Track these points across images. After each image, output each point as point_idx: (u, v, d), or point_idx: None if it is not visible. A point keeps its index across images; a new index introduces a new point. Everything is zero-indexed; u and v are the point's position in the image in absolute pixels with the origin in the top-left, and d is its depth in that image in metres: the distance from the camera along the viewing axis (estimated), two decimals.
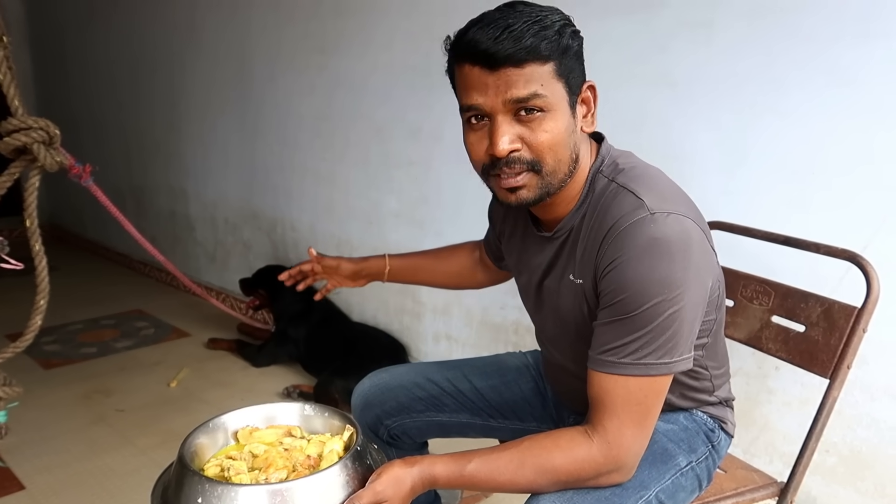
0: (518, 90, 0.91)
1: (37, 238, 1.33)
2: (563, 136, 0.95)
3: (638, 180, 0.98)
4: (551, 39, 0.91)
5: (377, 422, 1.37)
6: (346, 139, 2.86)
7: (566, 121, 0.95)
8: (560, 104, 0.94)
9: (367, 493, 0.92)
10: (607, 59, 1.98)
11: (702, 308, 0.97)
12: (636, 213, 0.93)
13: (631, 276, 0.91)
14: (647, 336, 0.92)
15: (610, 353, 0.94)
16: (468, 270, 1.49)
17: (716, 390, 1.19)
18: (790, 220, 1.64)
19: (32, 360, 2.92)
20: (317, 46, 2.89)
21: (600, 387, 0.96)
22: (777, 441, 1.78)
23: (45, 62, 5.08)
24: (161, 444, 2.24)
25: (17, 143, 1.25)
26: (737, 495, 1.24)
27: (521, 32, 0.89)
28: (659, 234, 0.91)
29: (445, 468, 0.97)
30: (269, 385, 2.71)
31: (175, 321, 3.44)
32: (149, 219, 4.22)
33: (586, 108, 1.00)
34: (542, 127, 0.94)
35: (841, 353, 1.23)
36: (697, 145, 1.83)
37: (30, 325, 1.36)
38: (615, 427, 0.94)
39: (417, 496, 1.00)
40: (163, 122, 3.94)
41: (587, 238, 1.00)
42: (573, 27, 0.96)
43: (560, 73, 0.93)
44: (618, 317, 0.93)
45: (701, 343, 1.08)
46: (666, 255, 0.90)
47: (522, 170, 0.96)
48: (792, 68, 1.64)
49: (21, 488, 1.97)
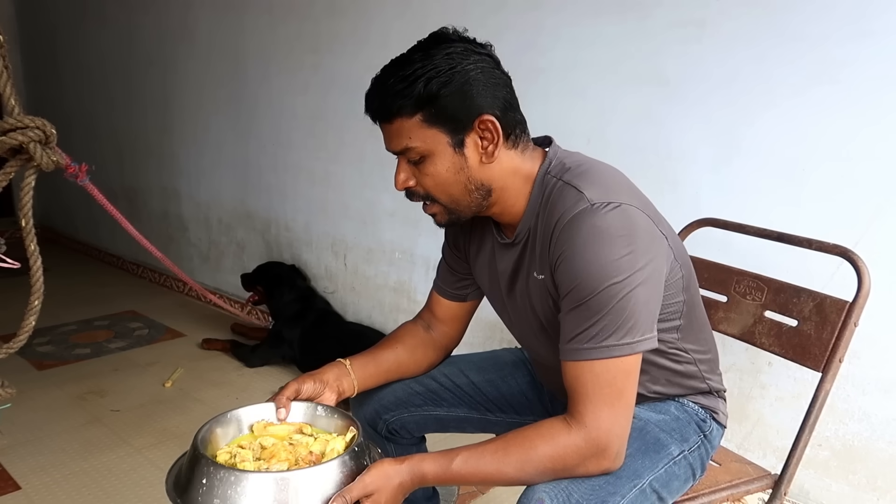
0: (392, 144, 1.04)
1: (32, 238, 1.31)
2: (446, 176, 1.04)
3: (581, 176, 1.03)
4: (413, 94, 0.98)
5: (375, 416, 1.38)
6: (340, 139, 2.87)
7: (448, 162, 1.02)
8: (438, 148, 1.01)
9: (356, 486, 0.96)
10: (599, 58, 2.00)
11: (657, 289, 1.01)
12: (577, 206, 0.98)
13: (579, 265, 0.96)
14: (605, 319, 0.95)
15: (574, 342, 0.98)
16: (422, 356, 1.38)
17: (706, 377, 1.21)
18: (782, 217, 1.66)
19: (26, 360, 2.91)
20: (310, 46, 2.89)
21: (571, 375, 0.99)
22: (770, 436, 1.80)
23: (36, 62, 5.05)
24: (157, 444, 2.23)
25: (13, 143, 1.25)
26: (731, 487, 1.26)
27: (387, 91, 0.99)
28: (600, 222, 0.96)
29: (433, 464, 1.00)
30: (263, 384, 2.71)
31: (169, 322, 3.43)
32: (142, 220, 4.20)
33: (486, 141, 1.03)
34: (424, 171, 1.04)
35: (833, 347, 1.25)
36: (689, 143, 1.85)
37: (23, 326, 1.34)
38: (590, 411, 0.96)
39: (413, 492, 1.02)
40: (156, 123, 3.93)
41: (541, 235, 1.05)
42: (449, 71, 0.98)
43: (431, 121, 1.00)
44: (574, 304, 0.98)
45: (674, 325, 1.12)
46: (608, 240, 0.95)
47: (425, 201, 1.09)
48: (782, 66, 1.66)
49: (17, 488, 1.97)
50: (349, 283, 2.98)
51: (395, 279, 2.76)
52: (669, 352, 1.14)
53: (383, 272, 2.81)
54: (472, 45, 1.02)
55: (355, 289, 2.96)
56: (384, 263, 2.80)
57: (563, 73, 2.08)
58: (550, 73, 2.11)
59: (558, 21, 2.08)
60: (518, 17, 2.17)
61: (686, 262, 1.13)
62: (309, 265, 3.15)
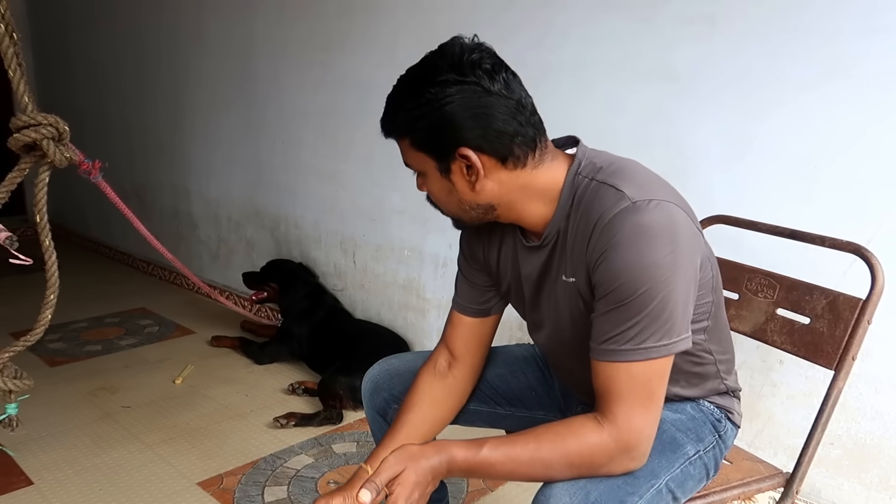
0: (402, 157, 1.09)
1: (47, 233, 1.33)
2: (440, 194, 1.09)
3: (617, 175, 1.02)
4: (400, 121, 1.03)
5: (386, 405, 1.38)
6: (349, 137, 2.87)
7: (439, 183, 1.07)
8: (429, 170, 1.06)
9: (380, 469, 0.97)
10: (609, 55, 1.99)
11: (694, 288, 1.00)
12: (619, 205, 0.97)
13: (621, 264, 0.95)
14: (645, 321, 0.94)
15: (611, 342, 0.97)
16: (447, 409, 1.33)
17: (723, 378, 1.20)
18: (793, 214, 1.65)
19: (37, 357, 2.93)
20: (321, 44, 2.90)
21: (605, 375, 0.98)
22: (781, 434, 1.79)
23: (48, 60, 5.08)
24: (167, 440, 2.25)
25: (26, 140, 1.26)
26: (743, 485, 1.25)
27: (386, 114, 1.05)
28: (643, 220, 0.94)
29: (462, 450, 0.99)
30: (273, 382, 2.72)
31: (179, 319, 3.44)
32: (152, 217, 4.22)
33: (468, 173, 1.02)
34: (426, 185, 1.10)
35: (846, 345, 1.24)
36: (700, 140, 1.84)
37: (39, 320, 1.36)
38: (623, 412, 0.95)
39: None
40: (166, 121, 3.95)
41: (575, 237, 1.03)
42: (426, 104, 0.98)
43: (417, 146, 1.04)
44: (614, 305, 0.96)
45: (702, 326, 1.11)
46: (652, 239, 0.94)
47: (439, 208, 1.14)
48: (794, 62, 1.65)
49: (29, 483, 1.98)
50: (358, 281, 2.98)
51: (405, 277, 2.77)
52: (696, 354, 1.13)
53: (392, 270, 2.81)
54: (460, 72, 0.98)
55: (364, 286, 2.96)
56: (393, 261, 2.80)
57: (572, 69, 2.08)
58: (560, 70, 2.11)
59: (568, 18, 2.07)
60: (527, 15, 2.16)
61: (714, 262, 1.12)
62: (318, 262, 3.16)
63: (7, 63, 1.21)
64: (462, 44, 1.01)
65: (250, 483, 2.00)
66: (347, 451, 2.19)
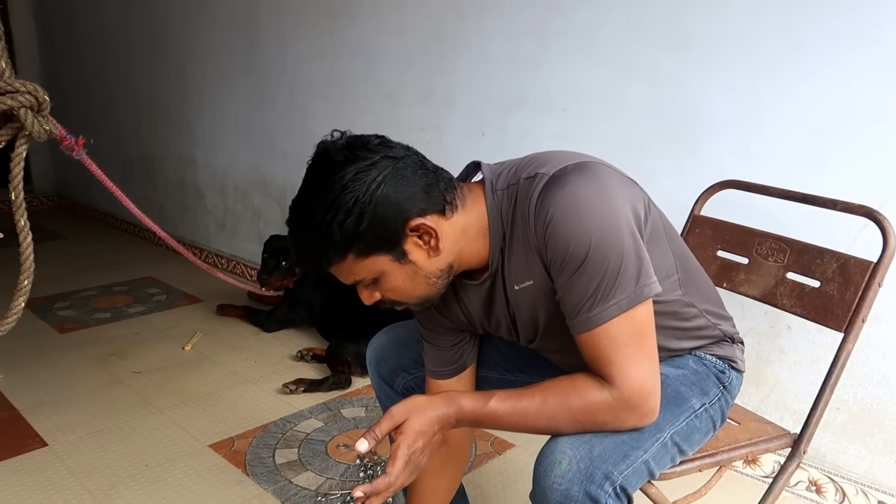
0: (343, 279, 1.02)
1: (22, 212, 1.21)
2: (405, 284, 1.02)
3: (525, 167, 1.02)
4: (333, 243, 0.94)
5: (392, 374, 1.39)
6: (355, 105, 2.86)
7: (401, 275, 1.01)
8: (383, 268, 0.99)
9: (383, 419, 0.98)
10: (624, 21, 1.97)
11: (643, 232, 0.99)
12: (539, 185, 0.97)
13: (564, 232, 0.93)
14: (607, 276, 0.93)
15: (583, 312, 0.96)
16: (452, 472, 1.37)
17: (715, 323, 1.19)
18: (806, 180, 1.65)
19: (47, 324, 2.96)
20: (326, 10, 2.87)
21: (589, 345, 0.97)
22: (788, 399, 1.80)
23: (51, 30, 5.04)
24: (179, 404, 2.27)
25: (1, 107, 1.18)
26: (751, 445, 1.26)
27: (309, 251, 0.97)
28: (567, 185, 0.94)
29: (470, 400, 1.00)
30: (282, 348, 2.75)
31: (186, 287, 3.46)
32: (158, 187, 4.23)
33: (425, 239, 0.99)
34: (382, 288, 1.03)
35: (856, 307, 1.25)
36: (714, 107, 1.83)
37: (12, 308, 1.24)
38: (618, 373, 0.95)
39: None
40: (173, 90, 3.93)
41: (519, 240, 1.02)
42: (356, 204, 0.92)
43: (363, 253, 0.97)
44: (572, 275, 0.95)
45: (674, 281, 1.09)
46: (583, 198, 0.93)
47: (396, 306, 1.08)
48: (809, 28, 1.63)
49: (44, 445, 2.01)
50: None
51: None
52: (678, 311, 1.13)
53: None
54: (361, 156, 0.94)
55: None
56: None
57: (584, 35, 2.06)
58: (571, 36, 2.09)
59: None
60: None
61: (661, 212, 1.10)
62: None
63: None
64: (334, 142, 0.97)
65: (261, 446, 2.02)
66: (356, 416, 2.22)
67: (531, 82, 2.23)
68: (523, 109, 2.27)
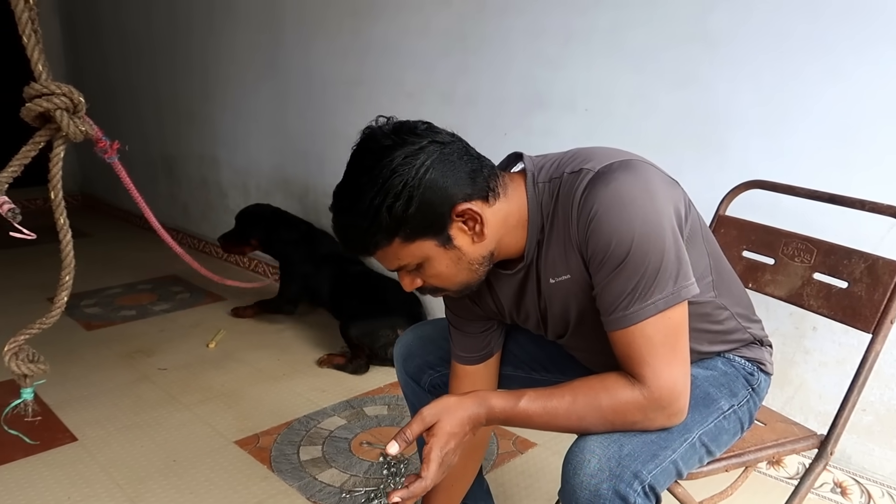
0: (386, 266, 1.03)
1: (62, 211, 1.22)
2: (449, 270, 1.02)
3: (569, 162, 1.02)
4: (381, 227, 0.95)
5: (419, 371, 1.41)
6: (377, 104, 2.87)
7: (445, 260, 1.01)
8: (428, 253, 1.00)
9: (414, 420, 0.98)
10: (644, 18, 1.97)
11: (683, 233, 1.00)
12: (584, 181, 0.97)
13: (607, 229, 0.94)
14: (646, 275, 0.94)
15: (619, 309, 0.96)
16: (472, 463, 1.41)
17: (745, 326, 1.20)
18: (832, 180, 1.64)
19: (74, 321, 3.01)
20: (349, 10, 2.89)
21: (623, 342, 0.98)
22: (812, 400, 1.80)
23: (76, 31, 5.12)
24: (205, 401, 2.31)
25: (38, 109, 1.19)
26: (777, 446, 1.26)
27: (355, 234, 0.97)
28: (613, 182, 0.94)
29: (501, 399, 1.00)
30: (303, 346, 2.78)
31: (209, 286, 3.50)
32: (181, 186, 4.28)
33: (471, 225, 1.00)
34: (426, 274, 1.03)
35: (885, 308, 1.24)
36: (739, 105, 1.82)
37: (56, 302, 1.26)
38: (650, 373, 0.96)
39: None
40: (195, 90, 3.97)
41: (559, 234, 1.02)
42: (404, 188, 0.93)
43: (410, 238, 0.97)
44: (612, 272, 0.96)
45: (708, 282, 1.10)
46: (628, 196, 0.93)
47: (436, 293, 1.08)
48: (836, 26, 1.62)
49: (74, 440, 2.05)
50: None
51: None
52: (711, 313, 1.13)
53: None
54: (409, 140, 0.96)
55: None
56: None
57: (608, 35, 2.06)
58: (594, 35, 2.09)
59: None
60: None
61: (698, 213, 1.10)
62: None
63: (21, 28, 1.15)
64: (380, 127, 0.99)
65: (286, 442, 2.05)
66: (379, 414, 2.24)
67: (554, 82, 2.23)
68: (545, 109, 2.27)
